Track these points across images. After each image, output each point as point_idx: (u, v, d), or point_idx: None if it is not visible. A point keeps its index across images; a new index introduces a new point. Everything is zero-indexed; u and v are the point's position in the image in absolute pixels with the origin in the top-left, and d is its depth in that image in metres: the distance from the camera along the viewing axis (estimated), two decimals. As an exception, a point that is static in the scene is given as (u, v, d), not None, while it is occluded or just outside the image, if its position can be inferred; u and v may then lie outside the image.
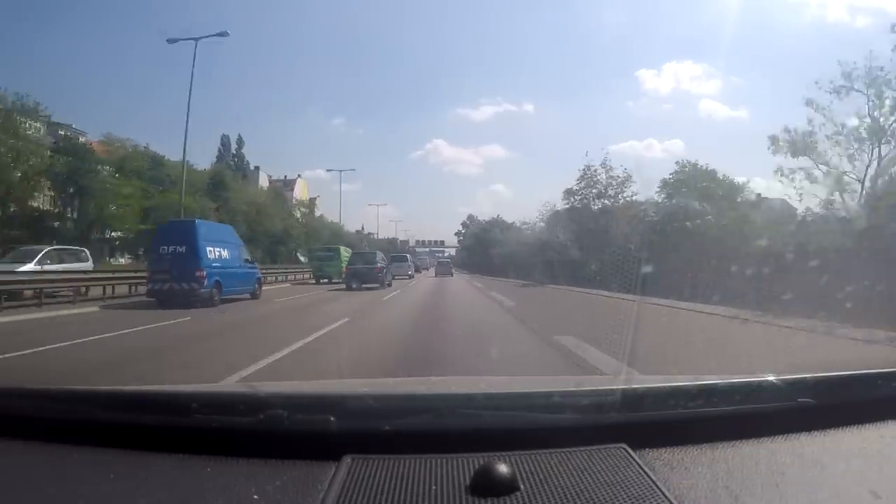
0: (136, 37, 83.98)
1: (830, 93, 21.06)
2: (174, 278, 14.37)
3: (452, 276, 42.64)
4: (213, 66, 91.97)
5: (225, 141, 60.65)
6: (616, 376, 4.20)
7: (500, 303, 16.93)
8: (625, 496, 1.02)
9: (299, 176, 78.39)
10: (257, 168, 65.50)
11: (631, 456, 1.15)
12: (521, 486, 1.02)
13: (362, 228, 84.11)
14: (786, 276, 12.89)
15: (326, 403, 1.32)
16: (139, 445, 1.19)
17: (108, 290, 17.27)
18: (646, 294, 13.32)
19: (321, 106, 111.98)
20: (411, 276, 37.61)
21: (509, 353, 7.30)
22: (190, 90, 24.77)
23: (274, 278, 31.04)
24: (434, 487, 1.03)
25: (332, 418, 1.19)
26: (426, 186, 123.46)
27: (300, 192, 73.10)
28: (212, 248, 15.39)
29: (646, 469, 1.10)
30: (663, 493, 1.03)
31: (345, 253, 31.31)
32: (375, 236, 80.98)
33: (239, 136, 61.31)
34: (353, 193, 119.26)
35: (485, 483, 1.02)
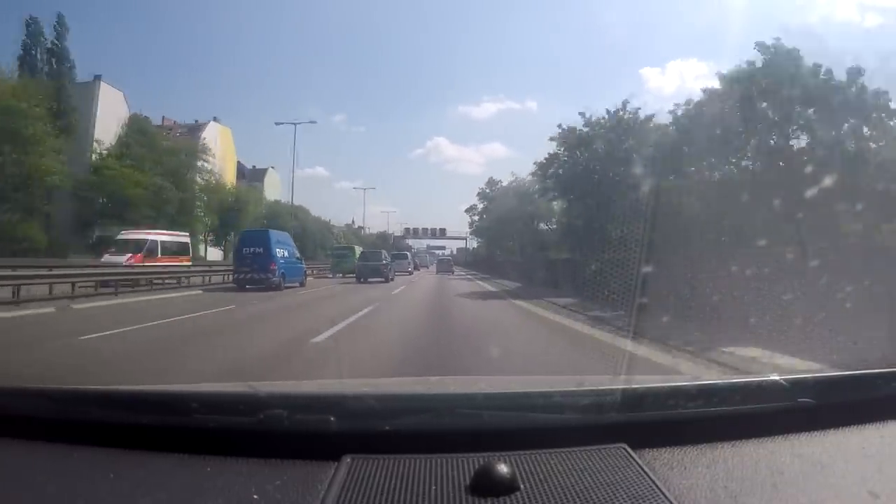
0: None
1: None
2: (254, 270, 20.25)
3: (453, 272, 44.21)
4: (214, 62, 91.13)
5: (33, 27, 32.45)
6: (616, 376, 4.20)
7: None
8: (625, 496, 1.02)
9: (214, 119, 51.96)
10: (98, 78, 36.78)
11: (631, 456, 1.15)
12: (521, 486, 1.02)
13: (352, 222, 77.08)
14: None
15: (326, 403, 1.32)
16: (139, 445, 1.19)
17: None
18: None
19: (321, 102, 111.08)
20: (410, 273, 40.60)
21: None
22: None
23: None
24: (434, 487, 1.03)
25: (331, 418, 1.19)
26: (427, 185, 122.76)
27: (218, 142, 47.27)
28: (279, 249, 21.38)
29: (646, 469, 1.10)
30: (663, 494, 1.03)
31: (359, 251, 35.11)
32: (367, 230, 74.60)
33: (59, 15, 33.11)
34: (354, 191, 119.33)
35: (485, 483, 1.02)
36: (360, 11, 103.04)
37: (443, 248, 78.88)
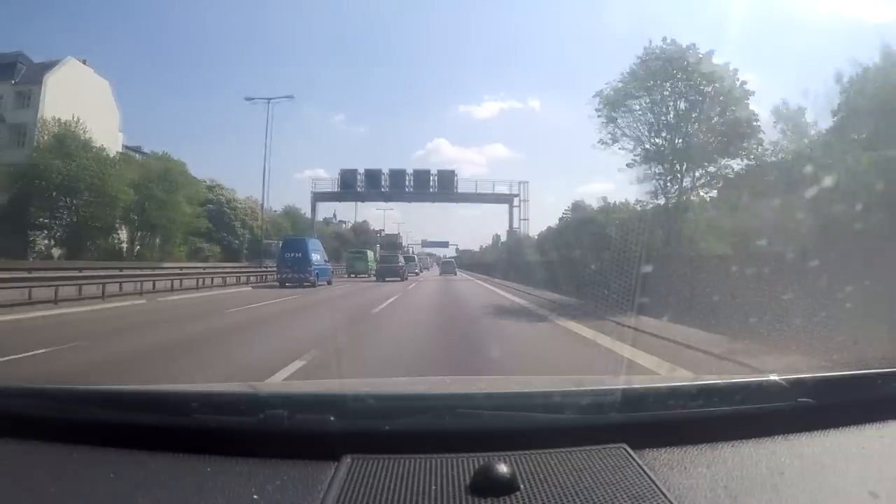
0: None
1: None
2: (294, 272, 25.52)
3: (455, 273, 48.54)
4: (215, 62, 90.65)
5: None
6: (616, 376, 4.20)
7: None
8: (625, 496, 1.02)
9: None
10: None
11: (631, 456, 1.15)
12: (521, 486, 1.02)
13: (334, 216, 74.35)
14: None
15: (326, 403, 1.33)
16: (139, 445, 1.19)
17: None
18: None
19: (321, 102, 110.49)
20: (418, 274, 46.66)
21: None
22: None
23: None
24: (434, 487, 1.03)
25: (331, 418, 1.19)
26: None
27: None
28: (314, 254, 26.55)
29: (646, 469, 1.10)
30: (663, 494, 1.03)
31: (371, 254, 42.59)
32: (346, 225, 72.92)
33: None
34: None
35: (485, 483, 1.02)
36: (359, 8, 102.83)
37: (444, 243, 78.53)
